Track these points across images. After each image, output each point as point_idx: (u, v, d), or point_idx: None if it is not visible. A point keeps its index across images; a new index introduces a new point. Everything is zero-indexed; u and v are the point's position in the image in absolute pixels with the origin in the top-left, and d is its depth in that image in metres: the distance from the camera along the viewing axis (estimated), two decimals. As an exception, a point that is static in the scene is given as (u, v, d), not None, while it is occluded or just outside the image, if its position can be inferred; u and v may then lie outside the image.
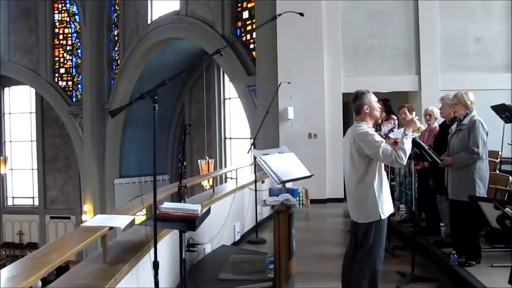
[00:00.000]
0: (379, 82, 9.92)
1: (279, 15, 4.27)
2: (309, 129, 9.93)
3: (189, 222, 3.17)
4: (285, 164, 4.84)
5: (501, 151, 7.69)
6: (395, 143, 4.03)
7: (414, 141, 5.10)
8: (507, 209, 2.66)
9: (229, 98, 16.45)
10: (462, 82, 9.57)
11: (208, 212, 3.63)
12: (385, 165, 4.14)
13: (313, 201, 9.81)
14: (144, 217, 3.92)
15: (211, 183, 12.25)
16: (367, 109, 4.04)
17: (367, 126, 4.03)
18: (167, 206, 3.32)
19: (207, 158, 14.53)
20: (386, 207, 4.00)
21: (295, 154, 5.32)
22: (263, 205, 4.90)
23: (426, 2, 9.92)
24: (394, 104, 7.60)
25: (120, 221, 3.12)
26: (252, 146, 6.93)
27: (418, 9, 9.94)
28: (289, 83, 9.30)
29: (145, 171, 18.25)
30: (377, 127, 7.65)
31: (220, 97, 16.75)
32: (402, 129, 4.89)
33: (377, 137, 3.90)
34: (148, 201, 4.16)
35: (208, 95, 16.85)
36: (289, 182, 5.33)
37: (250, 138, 7.68)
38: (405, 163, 3.85)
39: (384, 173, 4.06)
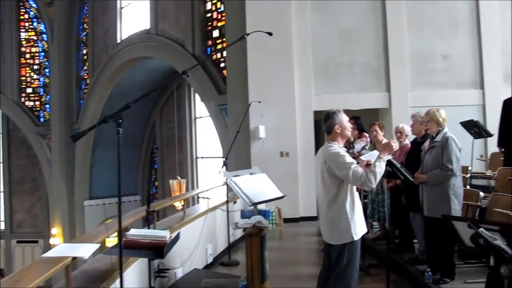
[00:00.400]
0: (350, 99, 9.99)
1: (247, 34, 4.23)
2: (281, 147, 9.88)
3: (157, 250, 3.04)
4: (257, 185, 4.74)
5: (471, 166, 7.75)
6: (367, 165, 3.97)
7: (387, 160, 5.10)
8: (481, 229, 2.62)
9: (200, 117, 16.33)
10: (431, 98, 9.74)
11: (177, 237, 3.50)
12: None
13: (286, 220, 9.73)
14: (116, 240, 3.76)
15: (183, 203, 12.17)
16: (338, 128, 3.98)
17: (338, 146, 3.97)
18: (134, 232, 3.19)
19: (179, 178, 14.33)
20: (359, 228, 3.94)
21: (266, 175, 5.22)
22: (234, 228, 4.79)
23: (394, 20, 10.05)
24: (365, 122, 7.63)
25: (84, 250, 2.97)
26: (224, 167, 6.82)
27: (387, 26, 10.06)
28: (259, 102, 9.26)
29: (116, 192, 17.84)
30: (350, 145, 7.66)
31: (191, 116, 16.60)
32: (374, 152, 4.87)
33: (348, 158, 3.83)
34: (115, 227, 4.00)
35: (179, 114, 16.71)
36: (261, 204, 5.24)
37: (222, 157, 7.57)
38: (374, 186, 3.80)
39: (356, 194, 4.00)
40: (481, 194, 5.84)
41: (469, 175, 7.52)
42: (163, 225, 5.57)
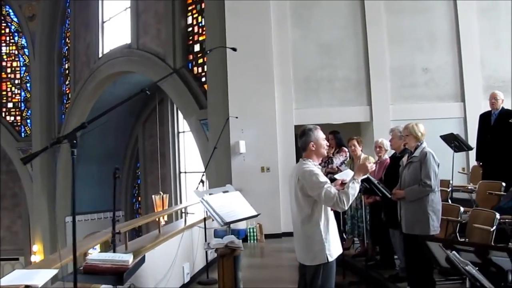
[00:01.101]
0: (331, 113, 9.94)
1: (210, 50, 4.10)
2: (262, 162, 9.77)
3: (117, 275, 2.89)
4: (230, 204, 4.61)
5: (452, 180, 7.70)
6: (342, 184, 3.86)
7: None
8: (453, 252, 2.52)
9: (183, 132, 16.19)
10: (412, 112, 9.74)
11: (142, 261, 3.36)
12: None
13: (267, 236, 9.59)
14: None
15: (166, 218, 11.96)
16: (313, 146, 3.86)
17: (312, 164, 3.84)
18: (95, 257, 3.05)
19: (162, 193, 14.18)
20: (334, 249, 3.81)
21: (240, 193, 5.09)
22: (206, 249, 4.64)
23: (374, 34, 10.05)
24: (347, 135, 7.57)
25: (39, 277, 2.81)
26: (201, 183, 6.69)
27: (367, 40, 10.05)
28: (236, 117, 9.20)
29: (99, 208, 17.65)
30: (329, 159, 7.60)
31: (174, 131, 16.46)
32: (349, 171, 4.78)
33: (322, 178, 3.71)
34: (79, 249, 3.84)
35: (162, 129, 16.56)
36: (238, 222, 5.10)
37: (204, 173, 7.43)
38: (346, 208, 3.67)
39: (330, 213, 3.88)
40: (461, 209, 5.77)
41: (450, 189, 7.48)
42: (136, 245, 5.42)
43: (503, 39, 10.05)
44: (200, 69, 12.63)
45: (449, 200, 7.26)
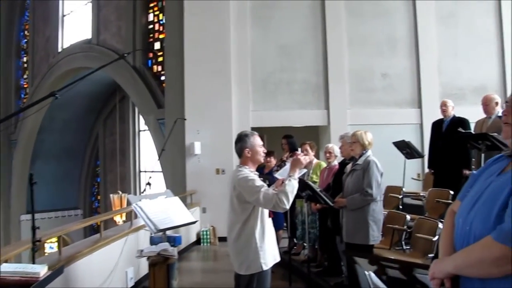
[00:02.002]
0: (288, 116, 9.86)
1: (128, 53, 3.92)
2: (217, 164, 9.61)
3: (26, 288, 2.71)
4: (166, 210, 4.44)
5: (403, 186, 7.72)
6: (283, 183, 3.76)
7: (305, 183, 4.93)
8: (369, 272, 2.42)
9: (144, 130, 15.91)
10: (370, 116, 9.75)
11: (59, 272, 3.17)
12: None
13: (221, 239, 9.44)
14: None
15: (124, 218, 11.69)
16: (248, 152, 3.76)
17: (248, 171, 3.74)
18: (6, 268, 2.85)
19: (120, 192, 13.95)
20: (269, 257, 3.71)
21: (179, 198, 4.93)
22: (138, 257, 4.47)
23: (334, 37, 10.00)
24: (305, 139, 7.48)
25: None
26: (148, 186, 6.49)
27: (327, 43, 9.99)
28: (185, 119, 9.14)
29: (56, 206, 17.24)
30: (282, 163, 7.52)
31: (135, 129, 16.20)
32: (287, 167, 4.68)
33: (258, 182, 3.60)
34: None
35: (122, 127, 16.29)
36: (176, 228, 4.95)
37: (150, 177, 7.22)
38: (287, 207, 3.55)
39: (267, 221, 3.78)
40: (408, 217, 5.74)
41: (401, 196, 7.48)
42: (73, 250, 5.22)
43: (461, 47, 10.15)
44: (159, 68, 12.42)
45: (400, 207, 7.28)
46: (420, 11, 10.13)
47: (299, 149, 7.13)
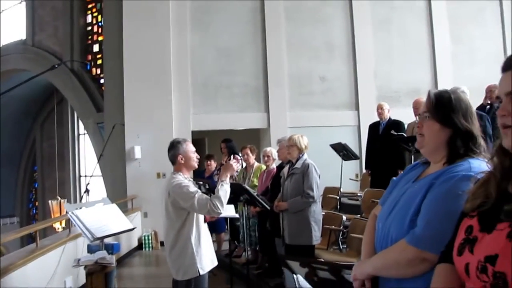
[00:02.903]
0: (229, 119, 9.91)
1: (59, 64, 3.88)
2: (158, 168, 9.49)
3: None
4: (103, 218, 4.40)
5: (341, 186, 7.94)
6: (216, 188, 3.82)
7: (242, 187, 5.01)
8: (297, 276, 2.52)
9: (84, 134, 15.53)
10: (309, 119, 9.94)
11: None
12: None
13: (164, 243, 9.38)
14: None
15: (63, 224, 11.38)
16: (182, 159, 3.81)
17: (182, 177, 3.78)
18: None
19: (59, 198, 13.56)
20: (206, 262, 3.77)
21: (118, 204, 4.89)
22: (75, 266, 4.40)
23: (273, 41, 10.11)
24: (246, 142, 7.56)
25: None
26: (86, 193, 6.38)
27: (266, 47, 10.09)
28: (122, 125, 9.12)
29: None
30: (221, 167, 7.55)
31: (74, 133, 15.77)
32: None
33: (192, 188, 3.67)
34: None
35: (61, 131, 15.82)
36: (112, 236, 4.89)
37: (88, 183, 7.10)
38: (222, 211, 3.64)
39: (203, 226, 3.83)
40: (344, 218, 5.91)
41: (339, 196, 7.70)
42: (7, 261, 5.05)
43: (395, 52, 10.53)
44: (98, 70, 12.18)
45: (338, 207, 7.49)
46: (357, 17, 10.42)
47: (240, 153, 7.26)
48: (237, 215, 5.10)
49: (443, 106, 1.86)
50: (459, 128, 1.82)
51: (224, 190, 3.70)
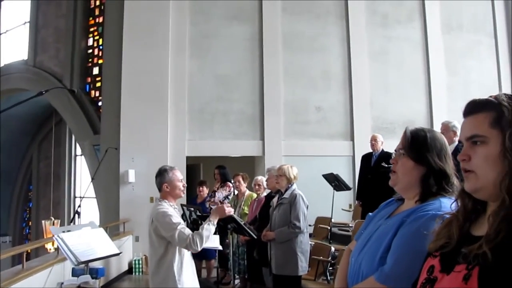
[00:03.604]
0: (224, 146, 9.92)
1: (47, 90, 3.94)
2: (151, 193, 9.32)
3: None
4: (89, 241, 4.39)
5: (332, 217, 7.94)
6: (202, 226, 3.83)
7: (230, 216, 5.00)
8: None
9: (81, 155, 15.54)
10: (304, 148, 9.97)
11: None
12: None
13: (154, 268, 9.31)
14: None
15: (56, 245, 11.32)
16: (167, 187, 3.86)
17: (168, 205, 3.81)
18: None
19: (53, 218, 13.53)
20: (187, 289, 3.77)
21: (104, 230, 4.89)
22: (58, 290, 4.38)
23: (271, 69, 10.16)
24: (241, 169, 7.57)
25: None
26: (76, 215, 6.37)
27: (263, 75, 10.15)
28: (116, 148, 9.12)
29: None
30: (212, 193, 7.62)
31: (71, 153, 15.78)
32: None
33: (175, 219, 3.68)
34: None
35: (58, 151, 15.83)
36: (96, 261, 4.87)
37: (80, 205, 7.09)
38: (199, 249, 3.66)
39: (186, 254, 3.83)
40: (332, 249, 5.93)
41: (329, 227, 7.68)
42: (-8, 282, 5.03)
43: (391, 83, 10.62)
44: (97, 93, 12.25)
45: (328, 237, 7.47)
46: (354, 48, 10.53)
47: (232, 180, 7.29)
48: (220, 247, 5.08)
49: (418, 145, 1.90)
50: (433, 167, 1.85)
51: (208, 230, 3.72)
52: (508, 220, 1.15)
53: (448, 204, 1.71)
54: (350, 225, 8.00)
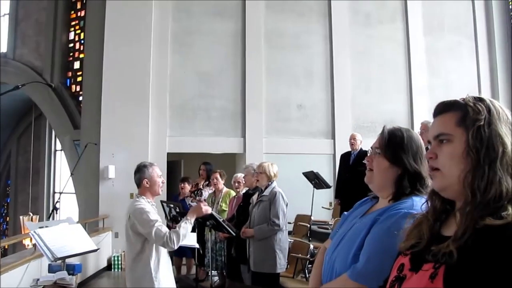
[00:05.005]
0: (205, 143, 9.90)
1: (23, 85, 3.90)
2: (131, 189, 9.27)
3: None
4: (65, 237, 4.36)
5: (312, 214, 7.97)
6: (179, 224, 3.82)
7: (210, 214, 5.01)
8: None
9: (61, 150, 15.37)
10: (285, 145, 10.00)
11: None
12: None
13: (133, 265, 9.26)
14: None
15: (33, 241, 11.20)
16: (147, 183, 3.82)
17: (146, 202, 3.79)
18: None
19: (31, 214, 13.36)
20: (164, 286, 3.74)
21: (81, 226, 4.85)
22: (33, 286, 4.34)
23: (253, 67, 10.17)
24: (223, 166, 7.57)
25: None
26: (54, 211, 6.30)
27: (246, 72, 10.15)
28: (95, 144, 9.00)
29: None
30: (198, 191, 7.58)
31: (51, 148, 15.59)
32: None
33: (153, 216, 3.66)
34: None
35: (37, 145, 15.62)
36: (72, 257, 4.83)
37: (59, 200, 7.02)
38: (175, 248, 3.65)
39: (162, 251, 3.80)
40: (311, 246, 5.95)
41: (310, 224, 7.72)
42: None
43: (373, 82, 10.71)
44: (78, 88, 12.12)
45: (308, 235, 7.51)
46: (336, 46, 10.59)
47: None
48: (197, 246, 5.07)
49: (394, 145, 1.89)
50: (408, 168, 1.85)
51: (186, 228, 3.71)
52: (473, 216, 1.17)
53: (420, 203, 1.73)
54: (330, 223, 8.06)
